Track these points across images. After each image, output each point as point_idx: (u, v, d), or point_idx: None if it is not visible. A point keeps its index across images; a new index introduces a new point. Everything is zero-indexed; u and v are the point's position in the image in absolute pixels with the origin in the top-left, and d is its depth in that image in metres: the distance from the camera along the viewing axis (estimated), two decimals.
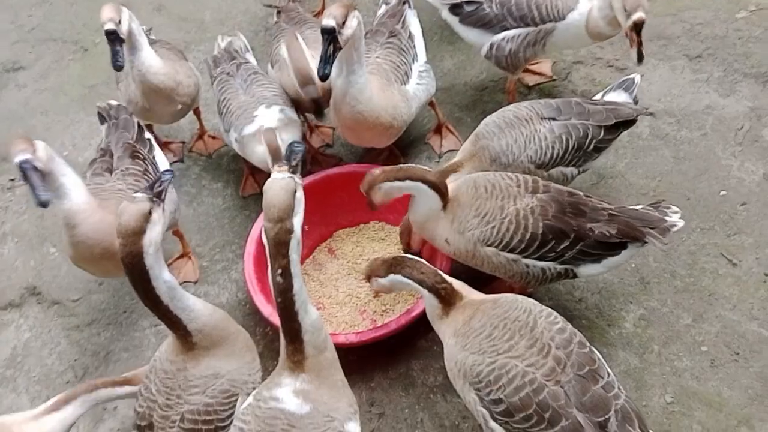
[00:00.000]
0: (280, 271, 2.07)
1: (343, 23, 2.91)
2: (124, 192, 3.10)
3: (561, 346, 2.36)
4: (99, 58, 4.88)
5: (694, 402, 2.91)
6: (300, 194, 2.11)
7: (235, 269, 3.65)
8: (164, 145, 4.05)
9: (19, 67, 4.96)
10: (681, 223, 2.80)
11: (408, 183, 2.82)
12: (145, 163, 3.30)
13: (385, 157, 3.91)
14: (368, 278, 2.78)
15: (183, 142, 4.25)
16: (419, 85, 3.61)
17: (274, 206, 2.04)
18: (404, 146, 3.89)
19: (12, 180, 4.27)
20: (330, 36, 2.89)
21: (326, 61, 2.92)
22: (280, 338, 2.25)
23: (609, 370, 2.40)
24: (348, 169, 3.57)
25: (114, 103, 3.58)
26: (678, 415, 2.88)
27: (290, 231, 2.04)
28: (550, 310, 2.52)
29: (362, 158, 3.98)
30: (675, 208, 2.85)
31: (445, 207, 2.88)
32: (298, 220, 2.07)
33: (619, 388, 2.36)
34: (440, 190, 2.85)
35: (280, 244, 2.05)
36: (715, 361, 3.01)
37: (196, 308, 2.41)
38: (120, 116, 3.48)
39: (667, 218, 2.81)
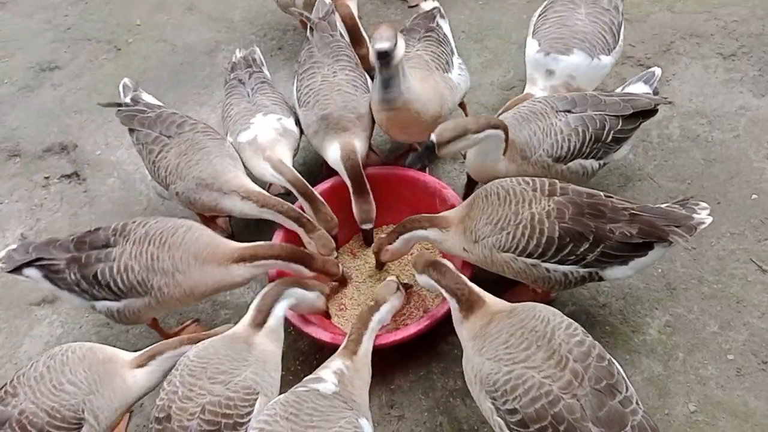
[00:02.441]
0: None
1: (395, 44, 2.94)
2: None
3: (579, 359, 2.33)
4: (132, 57, 4.97)
5: (718, 411, 2.86)
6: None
7: None
8: (210, 220, 3.88)
9: (54, 66, 5.06)
10: (709, 220, 2.72)
11: (410, 238, 3.06)
12: None
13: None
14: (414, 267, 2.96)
15: (229, 217, 3.88)
16: (461, 75, 3.63)
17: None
18: None
19: (47, 178, 4.38)
20: (387, 58, 2.94)
21: (396, 84, 3.05)
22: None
23: (628, 384, 2.37)
24: (369, 172, 3.57)
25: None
26: (702, 424, 2.84)
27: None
28: (570, 320, 2.49)
29: (385, 159, 3.99)
30: (704, 204, 2.77)
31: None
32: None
33: (637, 403, 2.32)
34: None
35: None
36: (742, 370, 2.95)
37: None
38: None
39: (694, 215, 2.73)
